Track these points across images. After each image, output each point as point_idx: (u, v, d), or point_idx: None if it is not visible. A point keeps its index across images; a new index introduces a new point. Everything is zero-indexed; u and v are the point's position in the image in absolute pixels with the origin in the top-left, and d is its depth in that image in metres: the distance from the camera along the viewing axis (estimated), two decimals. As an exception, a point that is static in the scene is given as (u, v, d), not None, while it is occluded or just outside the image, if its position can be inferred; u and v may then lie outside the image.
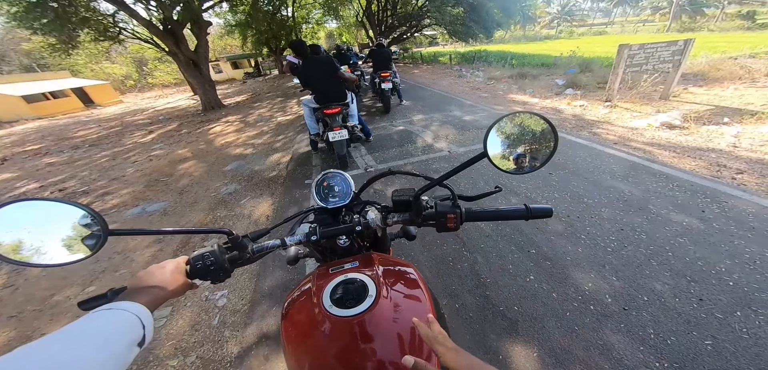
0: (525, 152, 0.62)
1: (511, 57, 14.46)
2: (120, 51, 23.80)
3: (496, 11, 17.97)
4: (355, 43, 34.48)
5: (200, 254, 0.66)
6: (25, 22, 8.33)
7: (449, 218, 0.69)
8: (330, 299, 0.60)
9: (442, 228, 0.71)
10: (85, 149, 7.41)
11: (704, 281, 1.75)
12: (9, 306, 2.25)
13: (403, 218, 0.77)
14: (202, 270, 0.65)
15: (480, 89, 8.84)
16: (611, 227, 2.30)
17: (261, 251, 0.73)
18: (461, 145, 4.39)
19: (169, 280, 0.58)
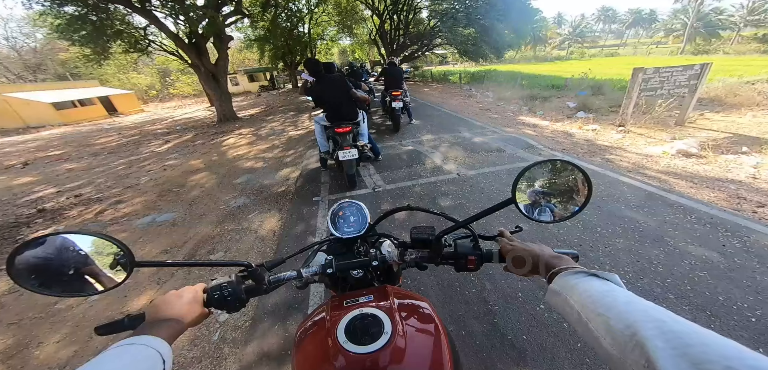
0: (555, 201, 0.60)
1: (520, 78, 14.52)
2: (146, 62, 24.94)
3: (507, 32, 18.16)
4: (368, 60, 35.34)
5: (218, 285, 0.66)
6: (66, 33, 9.00)
7: (470, 260, 0.69)
8: (344, 334, 0.59)
9: (462, 268, 0.71)
10: (104, 157, 7.69)
11: (725, 317, 1.69)
12: (11, 312, 2.29)
13: (421, 255, 0.77)
14: (219, 300, 0.65)
15: (490, 110, 8.86)
16: (626, 258, 2.23)
17: (277, 283, 0.74)
18: (470, 167, 4.36)
19: (186, 310, 0.57)
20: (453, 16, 17.12)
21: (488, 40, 17.68)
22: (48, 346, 1.96)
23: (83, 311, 2.19)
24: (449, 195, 3.58)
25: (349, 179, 3.76)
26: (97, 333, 0.57)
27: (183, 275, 2.56)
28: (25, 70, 29.11)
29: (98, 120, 19.10)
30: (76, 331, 2.05)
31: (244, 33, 21.13)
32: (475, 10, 16.52)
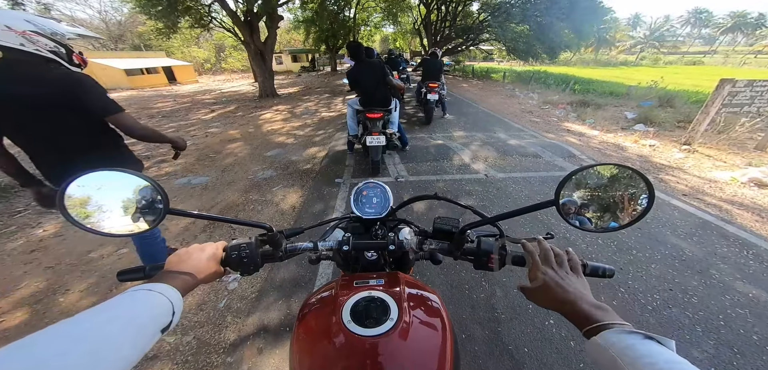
0: (606, 208, 0.56)
1: (574, 81, 13.30)
2: (206, 38, 27.06)
3: (566, 32, 16.61)
4: (408, 49, 34.84)
5: (237, 244, 0.67)
6: (145, 8, 10.34)
7: (492, 258, 0.66)
8: (349, 314, 0.58)
9: (482, 266, 0.68)
10: (158, 120, 8.48)
11: (753, 356, 1.57)
12: (50, 256, 2.48)
13: (440, 246, 0.74)
14: (236, 260, 0.66)
15: (532, 113, 8.25)
16: (658, 284, 2.06)
17: (293, 252, 0.74)
18: (501, 170, 4.10)
19: (204, 266, 0.59)
20: (507, 11, 16.08)
21: (542, 39, 16.35)
22: (72, 294, 2.10)
23: (111, 262, 2.37)
24: (473, 195, 3.40)
25: (373, 165, 3.74)
26: (118, 278, 0.61)
27: (205, 238, 2.74)
28: (109, 40, 33.09)
29: (160, 87, 21.15)
30: (101, 282, 2.18)
31: (294, 14, 21.89)
32: (533, 7, 15.27)
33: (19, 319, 1.87)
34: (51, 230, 2.82)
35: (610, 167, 0.55)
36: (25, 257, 2.44)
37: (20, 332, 1.77)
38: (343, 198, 3.32)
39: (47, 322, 1.82)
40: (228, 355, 1.62)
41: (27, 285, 2.13)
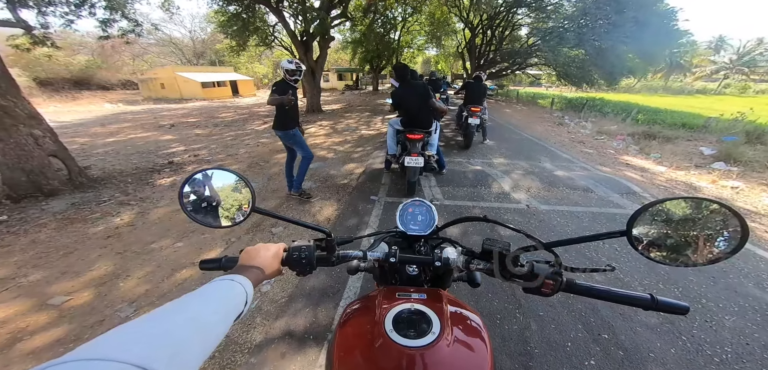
0: (684, 244, 0.54)
1: (637, 110, 12.04)
2: (267, 55, 30.14)
3: (631, 56, 15.11)
4: (449, 72, 34.88)
5: (298, 246, 0.71)
6: (225, 28, 12.20)
7: (546, 284, 0.63)
8: (392, 324, 0.60)
9: (534, 291, 0.66)
10: (221, 128, 9.50)
11: None
12: (121, 243, 2.81)
13: (487, 267, 0.73)
14: (295, 261, 0.70)
15: (583, 143, 7.63)
16: (732, 337, 1.80)
17: (345, 258, 0.77)
18: (545, 202, 3.82)
19: (269, 263, 0.65)
20: (560, 35, 15.17)
21: (601, 64, 15.04)
22: (131, 280, 2.31)
23: (168, 254, 2.65)
24: (513, 224, 3.21)
25: (409, 186, 3.74)
26: (199, 266, 0.72)
27: (253, 235, 2.94)
28: (193, 56, 38.47)
29: (225, 98, 23.84)
30: (157, 271, 2.40)
31: (343, 35, 23.40)
32: (591, 31, 14.22)
33: (85, 299, 2.12)
34: (126, 219, 3.27)
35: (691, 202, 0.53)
36: (101, 242, 2.83)
37: (82, 313, 2.00)
38: (377, 215, 3.36)
39: (107, 303, 2.08)
40: (252, 355, 1.69)
41: (98, 268, 2.45)
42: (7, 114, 3.38)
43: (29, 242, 2.80)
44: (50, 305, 2.04)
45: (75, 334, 1.83)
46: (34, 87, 19.39)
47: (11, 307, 2.03)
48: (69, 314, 1.97)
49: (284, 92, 3.32)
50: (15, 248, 2.70)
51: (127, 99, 22.32)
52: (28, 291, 2.18)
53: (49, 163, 3.77)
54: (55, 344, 1.76)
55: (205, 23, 29.63)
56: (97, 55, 27.24)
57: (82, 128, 9.59)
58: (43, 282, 2.27)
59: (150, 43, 33.26)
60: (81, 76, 24.50)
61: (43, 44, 5.68)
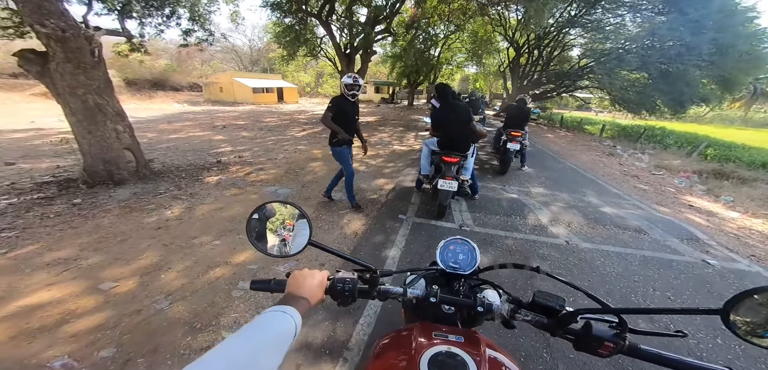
0: None
1: (706, 144, 10.64)
2: (312, 65, 32.08)
3: (704, 82, 13.39)
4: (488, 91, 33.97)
5: (342, 278, 0.74)
6: (280, 38, 13.37)
7: (605, 345, 0.60)
8: (427, 365, 0.59)
9: (587, 349, 0.63)
10: (264, 132, 10.19)
11: None
12: (168, 235, 3.04)
13: (537, 319, 0.70)
14: (338, 292, 0.72)
15: (638, 177, 6.91)
16: None
17: (385, 293, 0.78)
18: (586, 239, 3.51)
19: (314, 292, 0.67)
20: (619, 56, 13.88)
21: (666, 89, 13.41)
22: (172, 273, 2.46)
23: (207, 251, 2.82)
24: (548, 261, 2.99)
25: (439, 209, 3.67)
26: (250, 287, 0.75)
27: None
28: (249, 63, 42.25)
29: (271, 104, 25.65)
30: (194, 266, 2.55)
31: (384, 49, 24.10)
32: (657, 53, 12.80)
33: (129, 287, 2.27)
34: (176, 213, 3.59)
35: None
36: (152, 233, 3.12)
37: (124, 301, 2.13)
38: (403, 235, 3.32)
39: (147, 294, 2.21)
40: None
41: (145, 257, 2.67)
42: (100, 110, 3.94)
43: (94, 226, 3.18)
44: (99, 290, 2.23)
45: (113, 322, 1.95)
46: (123, 86, 22.54)
47: (68, 287, 2.24)
48: (113, 301, 2.13)
49: (342, 107, 3.44)
50: (82, 230, 3.08)
51: (191, 100, 25.03)
52: (85, 273, 2.41)
53: (123, 155, 4.31)
54: (94, 330, 1.88)
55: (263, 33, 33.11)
56: (174, 60, 31.01)
57: (152, 124, 10.88)
58: (98, 266, 2.51)
59: (216, 50, 37.29)
60: (159, 78, 28.06)
61: (138, 50, 6.64)
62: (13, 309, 2.00)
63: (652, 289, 2.65)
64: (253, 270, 2.56)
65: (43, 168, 4.95)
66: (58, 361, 1.64)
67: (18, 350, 1.71)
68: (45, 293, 2.16)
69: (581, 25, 15.87)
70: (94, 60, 3.86)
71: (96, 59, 3.89)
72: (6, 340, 1.77)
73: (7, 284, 2.23)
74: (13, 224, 3.08)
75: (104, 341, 1.80)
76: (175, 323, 1.97)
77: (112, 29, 5.08)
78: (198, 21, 7.02)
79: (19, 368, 1.60)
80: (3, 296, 2.11)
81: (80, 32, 3.65)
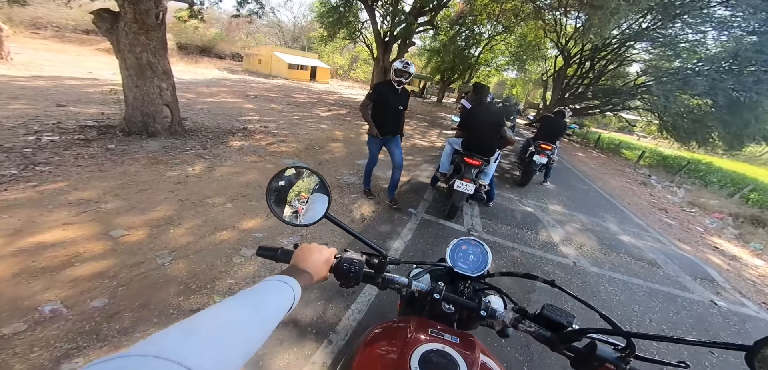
0: None
1: (752, 187, 9.58)
2: (348, 48, 32.23)
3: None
4: (524, 99, 32.41)
5: (349, 258, 0.73)
6: (324, 18, 13.62)
7: (606, 367, 0.59)
8: (418, 362, 0.58)
9: (585, 368, 0.61)
10: (292, 107, 10.45)
11: None
12: (185, 191, 3.13)
13: (540, 332, 0.69)
14: (343, 272, 0.72)
15: (666, 212, 6.41)
16: None
17: (390, 282, 0.78)
18: (596, 263, 3.36)
19: (319, 268, 0.66)
20: (684, 78, 12.26)
21: (729, 121, 11.84)
22: (180, 229, 2.49)
23: (217, 213, 2.87)
24: (551, 276, 2.88)
25: (451, 209, 3.63)
26: (257, 253, 0.75)
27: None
28: (290, 39, 43.18)
29: (303, 81, 26.18)
30: (202, 226, 2.61)
31: (423, 42, 23.59)
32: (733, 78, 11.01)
33: (137, 237, 2.32)
34: (197, 170, 3.79)
35: None
36: (171, 186, 3.27)
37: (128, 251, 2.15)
38: (410, 229, 3.32)
39: (152, 247, 2.25)
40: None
41: (159, 210, 2.74)
42: (150, 68, 4.24)
43: (121, 172, 3.38)
44: (110, 237, 2.27)
45: (114, 271, 1.96)
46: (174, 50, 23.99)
47: (81, 229, 2.28)
48: (119, 249, 2.16)
49: (383, 96, 3.25)
50: (109, 174, 3.27)
51: (231, 68, 26.08)
52: (101, 217, 2.48)
53: (162, 110, 4.61)
54: (94, 277, 1.89)
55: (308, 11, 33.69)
56: (224, 30, 32.37)
57: (192, 86, 11.50)
58: (114, 212, 2.58)
59: (263, 24, 38.41)
60: (207, 44, 29.65)
61: (196, 17, 7.03)
62: (25, 244, 2.04)
63: (648, 320, 2.61)
64: (258, 238, 2.63)
65: (90, 113, 5.41)
66: (49, 306, 1.63)
67: (15, 288, 1.71)
68: (59, 232, 2.21)
69: (651, 40, 13.90)
70: (157, 22, 4.15)
71: (159, 22, 4.17)
72: (9, 276, 1.78)
73: (27, 218, 2.29)
74: (49, 160, 3.27)
75: (99, 291, 1.81)
76: (171, 281, 1.98)
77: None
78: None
79: (9, 307, 1.60)
80: (20, 230, 2.16)
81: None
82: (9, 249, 1.99)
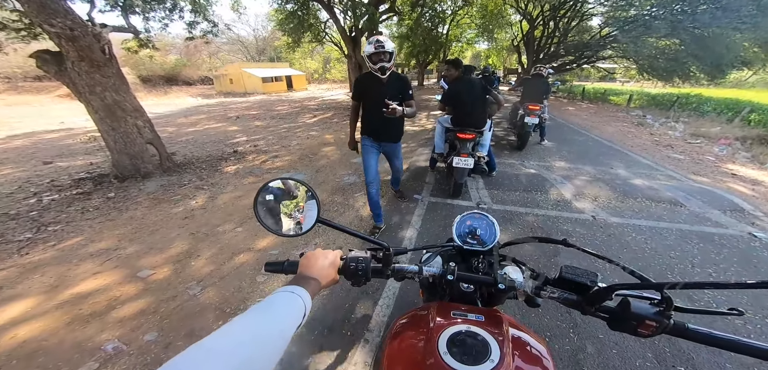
0: None
1: (749, 109, 9.81)
2: (318, 51, 31.87)
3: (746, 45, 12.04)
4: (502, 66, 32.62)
5: (355, 257, 0.72)
6: (283, 25, 13.32)
7: (646, 324, 0.54)
8: (446, 346, 0.57)
9: (624, 328, 0.57)
10: (277, 120, 10.28)
11: None
12: (194, 224, 3.15)
13: (565, 296, 0.65)
14: (352, 271, 0.71)
15: (671, 147, 6.49)
16: None
17: (400, 272, 0.75)
18: (615, 213, 3.35)
19: (326, 272, 0.66)
20: (645, 24, 12.81)
21: (702, 56, 12.25)
22: (200, 260, 2.56)
23: (230, 238, 2.89)
24: (572, 237, 2.87)
25: (455, 187, 3.60)
26: (265, 269, 0.74)
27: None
28: (256, 53, 42.46)
29: (281, 92, 25.78)
30: (220, 254, 2.64)
31: (390, 30, 23.40)
32: (689, 17, 11.60)
33: (164, 274, 2.40)
34: (200, 202, 3.71)
35: None
36: (179, 222, 3.24)
37: (161, 287, 2.25)
38: (419, 215, 3.29)
39: (180, 281, 2.31)
40: (292, 344, 1.76)
41: (175, 246, 2.79)
42: (119, 107, 4.05)
43: (128, 217, 3.34)
44: (138, 278, 2.36)
45: (153, 307, 2.07)
46: (138, 83, 23.33)
47: (111, 276, 2.39)
48: (151, 288, 2.26)
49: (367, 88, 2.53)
50: (118, 222, 3.25)
51: (204, 93, 25.52)
52: (125, 262, 2.56)
53: (147, 149, 4.46)
54: (139, 315, 2.00)
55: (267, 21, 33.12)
56: (183, 55, 31.60)
57: (171, 119, 11.22)
58: (135, 255, 2.65)
59: (223, 43, 37.66)
60: (171, 73, 28.86)
61: (146, 46, 6.77)
62: (66, 296, 2.16)
63: (690, 265, 2.48)
64: (274, 255, 2.62)
65: (78, 165, 5.22)
66: (110, 344, 1.77)
67: (74, 334, 1.84)
68: (92, 282, 2.31)
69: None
70: (105, 57, 3.91)
71: (107, 56, 3.94)
72: (63, 325, 1.91)
73: (58, 274, 2.40)
74: (58, 219, 3.29)
75: (147, 326, 1.91)
76: (206, 308, 2.06)
77: (118, 26, 5.13)
78: (200, 12, 7.05)
79: (78, 351, 1.73)
80: (57, 285, 2.28)
81: (88, 30, 3.68)
82: (53, 303, 2.10)
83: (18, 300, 2.13)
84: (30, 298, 2.15)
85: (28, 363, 1.65)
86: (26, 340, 1.80)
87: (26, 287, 2.27)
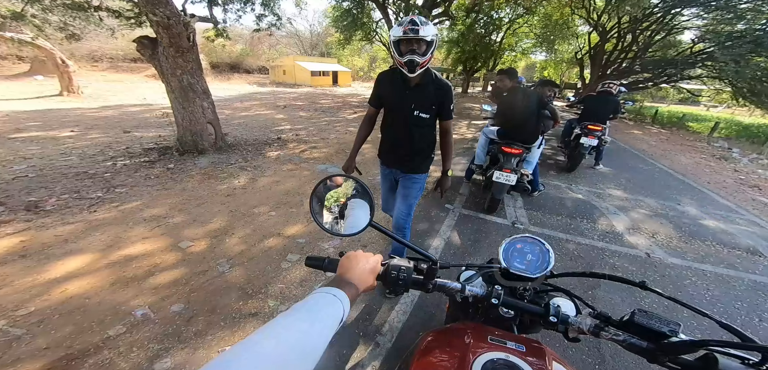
0: None
1: None
2: (366, 50, 32.61)
3: None
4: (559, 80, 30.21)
5: (398, 265, 0.70)
6: (338, 23, 14.02)
7: None
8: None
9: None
10: (319, 113, 10.71)
11: None
12: (234, 203, 3.34)
13: (631, 341, 0.58)
14: (392, 279, 0.69)
15: (759, 189, 5.49)
16: None
17: (442, 287, 0.74)
18: (676, 254, 2.93)
19: (366, 277, 0.64)
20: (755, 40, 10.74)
21: None
22: (234, 238, 2.67)
23: (263, 220, 3.01)
24: (619, 274, 2.55)
25: (490, 202, 3.41)
26: (306, 263, 0.74)
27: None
28: (309, 47, 44.82)
29: (326, 87, 26.85)
30: (252, 234, 2.75)
31: (440, 33, 23.02)
32: None
33: (201, 247, 2.52)
34: (242, 182, 3.98)
35: None
36: (222, 199, 3.49)
37: (195, 260, 2.35)
38: (449, 226, 3.19)
39: (213, 256, 2.42)
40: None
41: (215, 222, 2.95)
42: (191, 89, 4.55)
43: (181, 188, 3.68)
44: (179, 248, 2.50)
45: (185, 279, 2.16)
46: (208, 69, 25.94)
47: (156, 242, 2.55)
48: (188, 259, 2.38)
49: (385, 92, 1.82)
50: (172, 191, 3.59)
51: (259, 81, 27.55)
52: (171, 231, 2.74)
53: (206, 128, 4.93)
54: (171, 284, 2.10)
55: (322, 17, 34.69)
56: (248, 45, 34.43)
57: (228, 103, 12.27)
58: (180, 226, 2.84)
59: (282, 36, 40.31)
60: (236, 61, 31.61)
61: (222, 36, 7.52)
62: (116, 257, 2.33)
63: (757, 319, 2.16)
64: (301, 244, 2.69)
65: (149, 137, 5.95)
66: (140, 310, 1.87)
67: (113, 296, 1.97)
68: (140, 246, 2.49)
69: (701, 5, 12.14)
70: (189, 44, 4.42)
71: (191, 43, 4.45)
72: (107, 285, 2.06)
73: (115, 235, 2.63)
74: (125, 182, 3.72)
75: (176, 297, 2.00)
76: (231, 287, 2.13)
77: (203, 16, 5.77)
78: (269, 6, 7.60)
79: (111, 313, 1.84)
80: (111, 245, 2.48)
81: (180, 20, 4.18)
82: (104, 262, 2.29)
83: (77, 255, 2.32)
84: (87, 254, 2.34)
85: (67, 320, 1.76)
86: (73, 295, 1.94)
87: (87, 243, 2.47)
